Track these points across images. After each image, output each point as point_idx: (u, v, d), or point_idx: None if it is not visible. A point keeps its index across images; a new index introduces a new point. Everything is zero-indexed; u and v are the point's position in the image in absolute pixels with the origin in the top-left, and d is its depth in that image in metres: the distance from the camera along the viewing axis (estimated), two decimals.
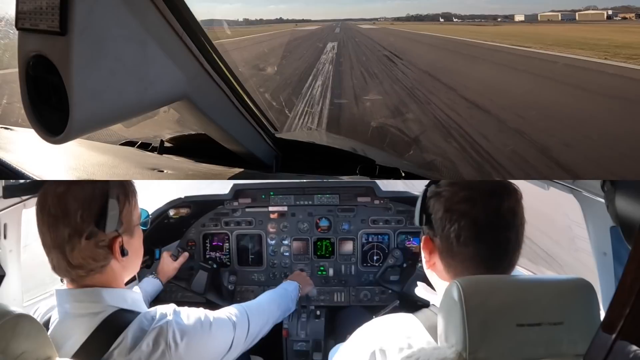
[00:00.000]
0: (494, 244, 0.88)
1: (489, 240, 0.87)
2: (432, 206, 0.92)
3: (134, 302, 1.02)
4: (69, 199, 0.92)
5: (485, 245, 0.87)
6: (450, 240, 0.89)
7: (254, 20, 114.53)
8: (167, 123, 1.68)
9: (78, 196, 0.92)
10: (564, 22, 37.47)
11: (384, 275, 2.22)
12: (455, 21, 53.11)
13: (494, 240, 0.88)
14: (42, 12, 0.75)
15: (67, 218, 0.91)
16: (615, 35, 18.54)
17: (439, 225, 0.91)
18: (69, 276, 0.97)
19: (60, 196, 0.92)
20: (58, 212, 0.91)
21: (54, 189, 0.93)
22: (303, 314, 2.21)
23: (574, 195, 1.37)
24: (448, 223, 0.89)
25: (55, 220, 0.92)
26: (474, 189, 0.89)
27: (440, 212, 0.90)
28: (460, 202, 0.88)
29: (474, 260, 0.88)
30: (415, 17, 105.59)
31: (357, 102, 6.83)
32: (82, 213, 0.92)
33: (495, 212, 0.87)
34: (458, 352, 0.73)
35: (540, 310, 0.75)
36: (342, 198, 2.36)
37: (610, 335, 0.54)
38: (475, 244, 0.87)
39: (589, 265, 1.43)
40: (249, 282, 2.38)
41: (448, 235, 0.89)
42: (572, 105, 6.62)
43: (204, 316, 1.07)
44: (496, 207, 0.87)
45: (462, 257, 0.89)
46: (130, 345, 0.93)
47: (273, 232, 2.38)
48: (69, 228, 0.91)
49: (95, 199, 0.93)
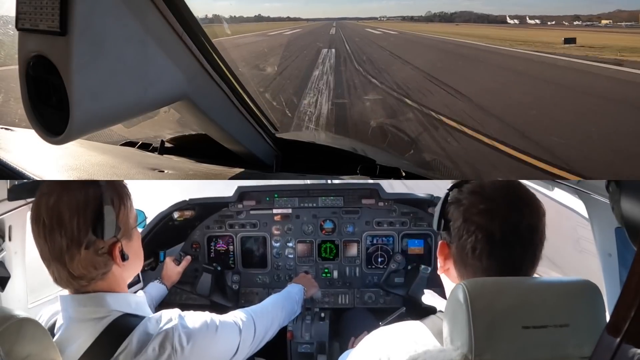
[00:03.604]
0: (508, 261, 0.85)
1: (503, 257, 0.85)
2: (452, 213, 0.90)
3: (138, 306, 1.01)
4: (62, 208, 0.90)
5: (499, 261, 0.85)
6: (466, 251, 0.87)
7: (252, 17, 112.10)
8: (167, 123, 1.69)
9: (72, 204, 0.90)
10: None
11: (388, 280, 2.21)
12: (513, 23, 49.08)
13: (508, 257, 0.85)
14: (42, 12, 0.75)
15: (62, 228, 0.90)
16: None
17: (456, 234, 0.89)
18: (72, 287, 0.96)
19: (53, 206, 0.90)
20: (53, 222, 0.90)
21: (46, 200, 0.91)
22: (307, 316, 2.20)
23: (578, 196, 1.35)
24: (465, 234, 0.87)
25: (51, 231, 0.90)
26: (494, 201, 0.87)
27: (459, 222, 0.88)
28: (479, 214, 0.86)
29: (485, 273, 0.86)
30: (440, 16, 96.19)
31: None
32: (77, 220, 0.90)
33: (513, 228, 0.85)
34: (464, 355, 0.73)
35: (546, 312, 0.74)
36: (347, 200, 2.35)
37: (615, 338, 0.53)
38: (489, 258, 0.85)
39: (594, 266, 1.41)
40: (253, 284, 2.38)
41: (464, 246, 0.87)
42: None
43: (210, 320, 1.06)
44: (515, 223, 0.85)
45: (474, 269, 0.87)
46: (135, 349, 0.92)
47: (277, 235, 2.37)
48: (66, 238, 0.90)
49: (90, 206, 0.91)
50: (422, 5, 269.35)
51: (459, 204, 0.89)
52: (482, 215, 0.86)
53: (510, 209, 0.86)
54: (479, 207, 0.87)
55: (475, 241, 0.86)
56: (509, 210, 0.86)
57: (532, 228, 0.86)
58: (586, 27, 36.57)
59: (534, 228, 0.86)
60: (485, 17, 67.71)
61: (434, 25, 53.84)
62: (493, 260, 0.85)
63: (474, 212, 0.87)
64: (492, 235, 0.85)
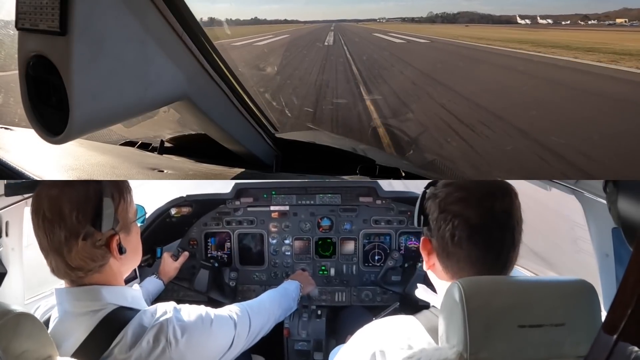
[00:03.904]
0: (488, 245, 0.88)
1: (482, 241, 0.88)
2: (429, 207, 0.94)
3: (133, 299, 1.02)
4: (63, 201, 0.91)
5: (479, 245, 0.88)
6: (446, 240, 0.89)
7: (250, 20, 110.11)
8: (167, 123, 1.69)
9: (72, 197, 0.91)
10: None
11: (385, 277, 2.21)
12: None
13: (487, 241, 0.88)
14: (42, 12, 0.75)
15: (62, 220, 0.91)
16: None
17: (435, 226, 0.92)
18: (69, 278, 0.97)
19: (54, 199, 0.91)
20: (53, 215, 0.91)
21: (47, 192, 0.92)
22: (304, 314, 2.21)
23: (575, 196, 1.36)
24: (443, 223, 0.90)
25: (50, 223, 0.91)
26: (467, 190, 0.89)
27: (436, 213, 0.91)
28: (454, 203, 0.89)
29: (468, 260, 0.88)
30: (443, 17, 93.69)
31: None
32: (77, 214, 0.91)
33: (488, 212, 0.87)
34: (459, 353, 0.73)
35: (542, 311, 0.75)
36: (344, 198, 2.36)
37: (611, 336, 0.54)
38: (468, 244, 0.88)
39: (591, 266, 1.42)
40: (250, 281, 2.38)
41: (443, 236, 0.90)
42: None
43: (205, 313, 1.06)
44: (489, 207, 0.88)
45: (457, 257, 0.89)
46: (130, 342, 0.93)
47: (275, 232, 2.38)
48: (65, 230, 0.91)
49: (90, 198, 0.92)
50: (421, 5, 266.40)
51: (435, 197, 0.92)
52: (457, 203, 0.89)
53: (484, 194, 0.89)
54: (453, 195, 0.90)
55: (453, 228, 0.88)
56: (482, 196, 0.89)
57: (507, 211, 0.89)
58: (608, 26, 34.48)
59: (509, 210, 0.89)
60: (489, 17, 66.02)
61: (438, 27, 49.53)
62: (473, 245, 0.88)
63: (449, 202, 0.90)
64: (468, 221, 0.87)
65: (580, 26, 35.76)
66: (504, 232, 0.88)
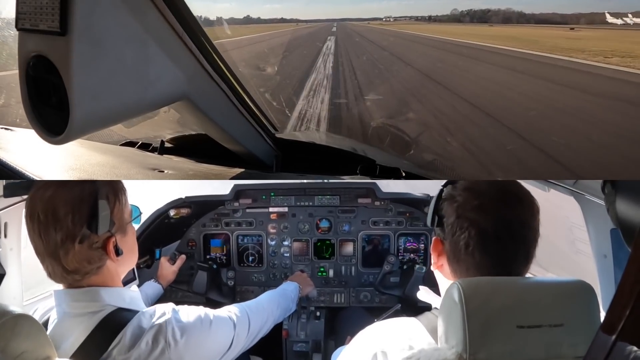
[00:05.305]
0: (501, 256, 0.86)
1: (495, 252, 0.86)
2: (445, 210, 0.91)
3: (132, 300, 1.02)
4: (57, 203, 0.90)
5: (491, 256, 0.86)
6: (459, 247, 0.88)
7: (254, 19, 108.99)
8: (167, 123, 1.69)
9: (67, 200, 0.90)
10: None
11: (383, 282, 2.21)
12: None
13: (500, 252, 0.86)
14: (42, 12, 0.75)
15: (57, 223, 0.90)
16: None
17: (449, 230, 0.89)
18: (66, 281, 0.97)
19: (48, 202, 0.90)
20: (48, 218, 0.90)
21: (41, 195, 0.91)
22: (303, 315, 2.21)
23: (574, 197, 1.36)
24: (458, 230, 0.87)
25: (45, 226, 0.90)
26: (487, 197, 0.87)
27: (452, 218, 0.89)
28: (471, 210, 0.87)
29: (477, 269, 0.87)
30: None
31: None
32: (72, 216, 0.90)
33: (505, 224, 0.85)
34: (458, 354, 0.73)
35: (541, 312, 0.75)
36: (343, 199, 2.36)
37: (610, 336, 0.54)
38: (481, 254, 0.86)
39: (589, 267, 1.43)
40: (249, 282, 2.38)
41: (457, 242, 0.88)
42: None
43: (204, 314, 1.06)
44: (508, 219, 0.85)
45: (467, 265, 0.88)
46: (129, 343, 0.92)
47: (273, 233, 2.38)
48: (61, 233, 0.90)
49: (85, 201, 0.92)
50: (425, 5, 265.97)
51: (453, 201, 0.90)
52: (475, 212, 0.86)
53: (503, 205, 0.86)
54: (472, 203, 0.87)
55: (469, 237, 0.86)
56: (501, 207, 0.86)
57: (525, 224, 0.86)
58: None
59: (527, 224, 0.87)
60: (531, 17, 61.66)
61: (465, 27, 46.60)
62: (486, 256, 0.86)
63: (468, 209, 0.87)
64: (484, 231, 0.85)
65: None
66: (519, 245, 0.86)
